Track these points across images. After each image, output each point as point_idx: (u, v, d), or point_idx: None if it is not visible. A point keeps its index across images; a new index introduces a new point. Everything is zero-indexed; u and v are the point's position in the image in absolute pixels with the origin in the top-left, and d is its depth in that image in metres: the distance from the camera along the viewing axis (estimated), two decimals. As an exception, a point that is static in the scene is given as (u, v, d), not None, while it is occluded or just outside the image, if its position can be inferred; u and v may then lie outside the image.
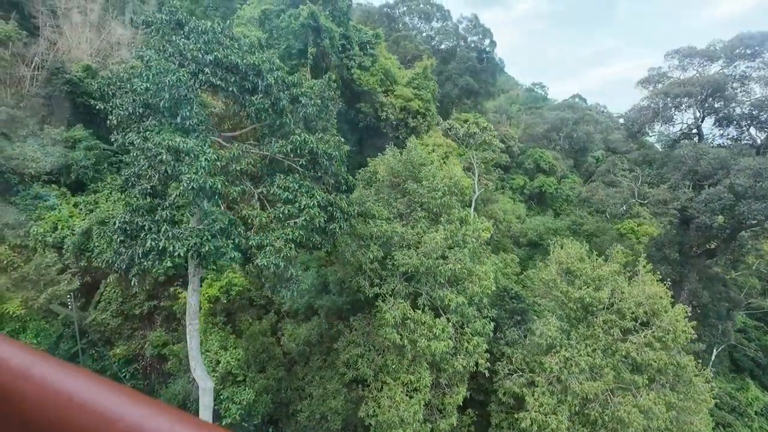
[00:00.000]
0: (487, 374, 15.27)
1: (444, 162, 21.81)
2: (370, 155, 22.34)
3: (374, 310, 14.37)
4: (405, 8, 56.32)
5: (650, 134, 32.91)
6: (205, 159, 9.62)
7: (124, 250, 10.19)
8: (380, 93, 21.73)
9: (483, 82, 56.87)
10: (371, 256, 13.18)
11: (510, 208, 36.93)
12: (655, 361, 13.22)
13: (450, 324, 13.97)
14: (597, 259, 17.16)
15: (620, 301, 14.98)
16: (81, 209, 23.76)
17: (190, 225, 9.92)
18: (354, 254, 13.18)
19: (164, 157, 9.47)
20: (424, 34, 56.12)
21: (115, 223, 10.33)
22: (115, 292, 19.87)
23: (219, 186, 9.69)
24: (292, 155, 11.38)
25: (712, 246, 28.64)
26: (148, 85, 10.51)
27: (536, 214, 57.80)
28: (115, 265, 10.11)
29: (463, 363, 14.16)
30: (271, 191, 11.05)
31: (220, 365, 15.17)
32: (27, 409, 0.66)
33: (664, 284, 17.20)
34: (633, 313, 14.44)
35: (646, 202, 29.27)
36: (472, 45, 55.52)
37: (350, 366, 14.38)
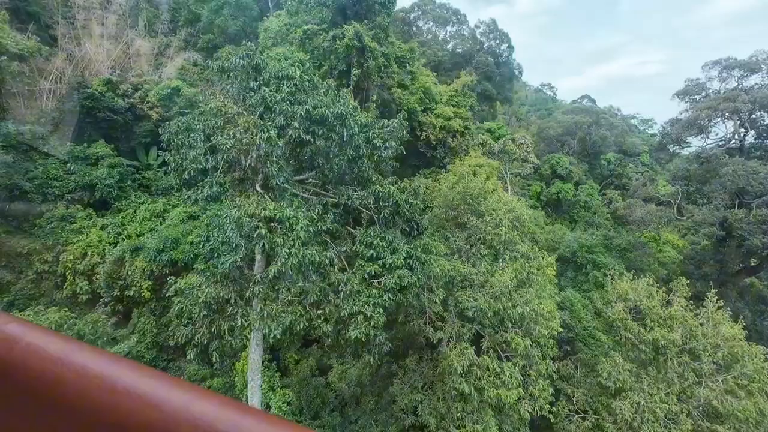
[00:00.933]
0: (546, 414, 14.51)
1: (487, 180, 21.05)
2: (406, 176, 21.54)
3: (436, 354, 13.64)
4: (420, 13, 55.35)
5: (684, 146, 31.97)
6: (302, 228, 8.78)
7: (206, 326, 9.35)
8: (419, 112, 20.92)
9: (500, 87, 55.92)
10: (436, 300, 12.41)
11: (530, 216, 36.01)
12: (741, 412, 12.45)
13: (517, 369, 13.21)
14: (659, 292, 16.32)
15: (692, 339, 14.17)
16: (109, 232, 23.01)
17: (281, 298, 9.10)
18: (417, 297, 12.41)
19: (262, 231, 8.60)
20: (440, 38, 55.17)
21: (198, 297, 9.46)
22: (148, 322, 19.15)
23: (317, 258, 8.85)
24: (373, 206, 10.57)
25: (754, 263, 27.76)
26: (233, 142, 9.61)
27: (553, 221, 56.88)
28: (195, 339, 9.30)
29: (528, 408, 13.42)
30: (353, 248, 10.25)
31: (272, 410, 14.44)
32: (69, 395, 0.67)
33: (723, 312, 16.40)
34: (709, 355, 13.66)
35: (685, 218, 28.37)
36: (489, 50, 54.52)
37: (408, 411, 13.65)
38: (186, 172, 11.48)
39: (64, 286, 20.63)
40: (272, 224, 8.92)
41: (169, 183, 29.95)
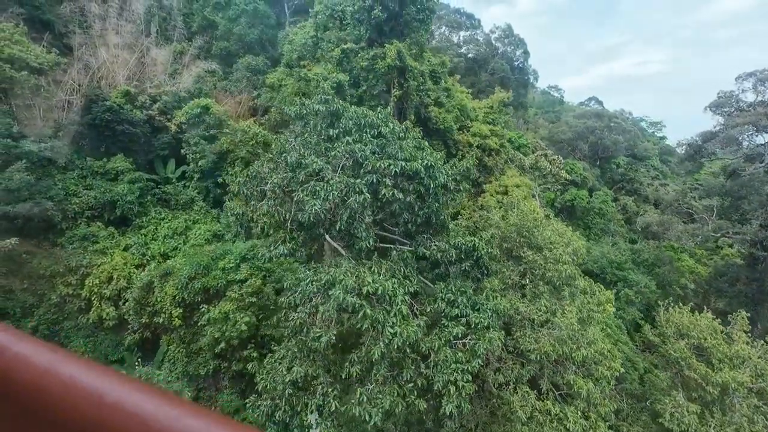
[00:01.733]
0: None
1: (525, 200, 20.38)
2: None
3: (487, 393, 12.97)
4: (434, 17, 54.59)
5: (711, 158, 31.19)
6: (401, 301, 8.03)
7: (289, 403, 8.56)
8: (455, 130, 20.26)
9: (516, 93, 55.15)
10: (498, 342, 11.72)
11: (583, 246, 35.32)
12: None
13: (579, 413, 12.55)
14: (719, 325, 15.61)
15: (759, 379, 13.49)
16: (133, 253, 22.35)
17: (376, 377, 8.30)
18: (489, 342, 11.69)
19: (367, 311, 7.82)
20: (453, 42, 54.42)
21: (284, 375, 8.70)
22: (179, 351, 18.50)
23: (419, 335, 8.11)
24: (454, 258, 9.84)
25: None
26: (321, 203, 8.75)
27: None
28: (276, 416, 8.56)
29: (589, 453, 12.77)
30: (435, 306, 9.50)
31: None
32: (54, 407, 0.66)
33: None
34: (781, 398, 13.02)
35: (718, 235, 27.63)
36: (504, 55, 53.78)
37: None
38: (258, 225, 10.67)
39: (90, 312, 20.00)
40: (371, 297, 8.16)
41: (189, 197, 29.34)
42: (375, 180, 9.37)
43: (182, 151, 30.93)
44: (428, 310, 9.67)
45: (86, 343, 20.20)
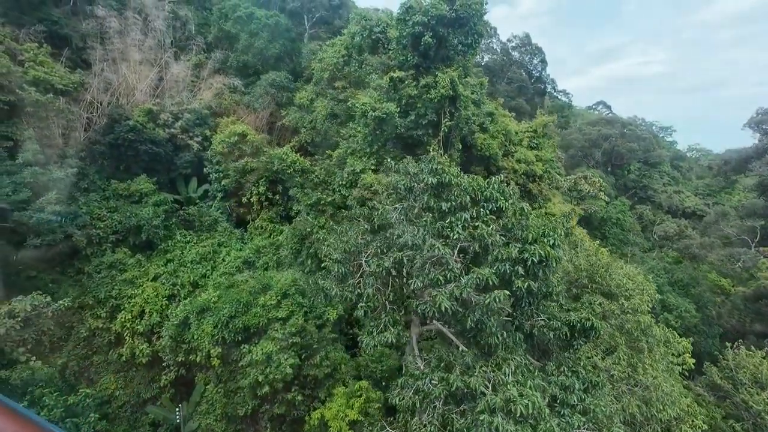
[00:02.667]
0: None
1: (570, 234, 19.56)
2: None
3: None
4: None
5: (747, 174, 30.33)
6: (549, 416, 7.16)
7: None
8: (500, 156, 19.50)
9: (532, 102, 54.44)
10: None
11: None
12: None
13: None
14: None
15: None
16: (163, 282, 21.57)
17: None
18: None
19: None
20: None
21: None
22: (217, 391, 17.70)
23: None
24: (567, 336, 8.90)
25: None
26: (447, 299, 7.78)
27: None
28: None
29: None
30: (550, 391, 8.58)
31: None
32: None
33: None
34: None
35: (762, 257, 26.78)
36: (522, 64, 53.03)
37: None
38: (359, 309, 9.71)
39: (123, 347, 19.22)
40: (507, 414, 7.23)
41: (213, 217, 28.56)
42: (507, 270, 8.45)
43: (205, 170, 30.23)
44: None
45: (117, 379, 19.43)
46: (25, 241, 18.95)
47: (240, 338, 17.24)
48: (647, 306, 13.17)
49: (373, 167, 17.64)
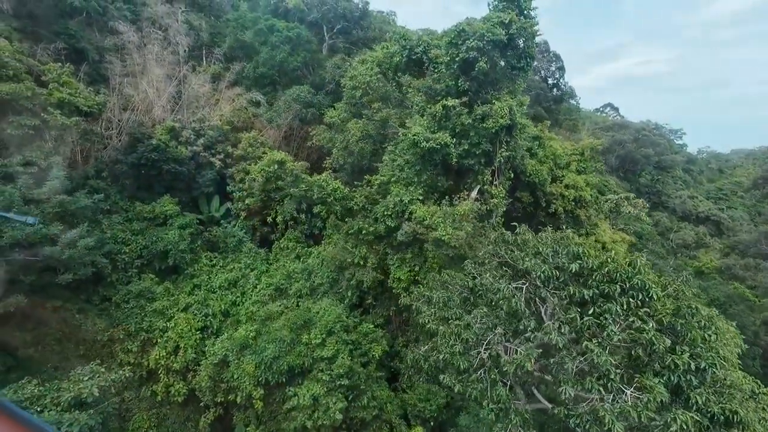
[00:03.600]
0: None
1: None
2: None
3: None
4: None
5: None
6: None
7: None
8: (548, 182, 18.69)
9: (551, 111, 53.60)
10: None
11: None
12: None
13: None
14: None
15: None
16: (195, 313, 20.75)
17: None
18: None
19: None
20: None
21: None
22: (259, 433, 16.87)
23: None
24: None
25: None
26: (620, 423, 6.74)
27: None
28: None
29: None
30: None
31: None
32: None
33: None
34: None
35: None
36: (538, 71, 52.20)
37: None
38: (485, 408, 8.63)
39: (157, 385, 18.40)
40: None
41: (238, 238, 27.71)
42: (681, 383, 7.44)
43: (228, 188, 29.43)
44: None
45: (150, 416, 18.60)
46: (55, 275, 18.15)
47: (284, 379, 16.42)
48: (735, 358, 12.26)
49: (420, 197, 16.82)
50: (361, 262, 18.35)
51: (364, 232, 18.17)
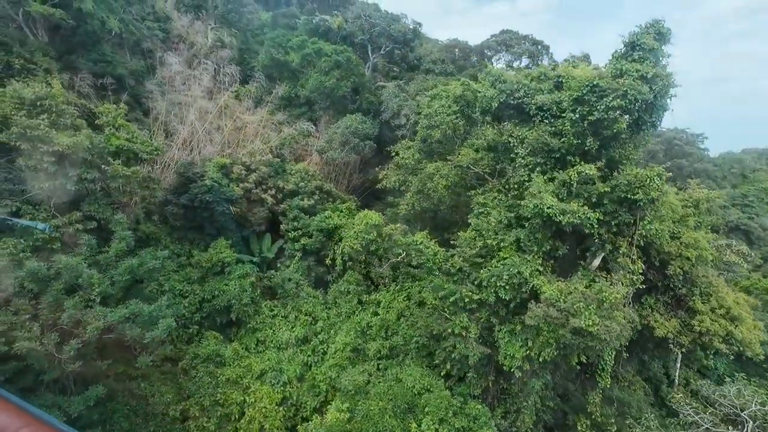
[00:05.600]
0: None
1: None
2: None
3: None
4: (503, 47, 51.02)
5: None
6: None
7: None
8: (667, 241, 16.92)
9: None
10: None
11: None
12: None
13: None
14: None
15: None
16: (272, 383, 19.00)
17: None
18: None
19: None
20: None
21: None
22: None
23: None
24: None
25: None
26: None
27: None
28: None
29: None
30: None
31: None
32: None
33: None
34: None
35: None
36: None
37: None
38: None
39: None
40: None
41: (295, 281, 25.89)
42: None
43: (282, 226, 27.64)
44: None
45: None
46: (135, 357, 16.43)
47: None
48: None
49: (540, 267, 15.04)
50: (462, 333, 16.58)
51: (467, 300, 16.39)
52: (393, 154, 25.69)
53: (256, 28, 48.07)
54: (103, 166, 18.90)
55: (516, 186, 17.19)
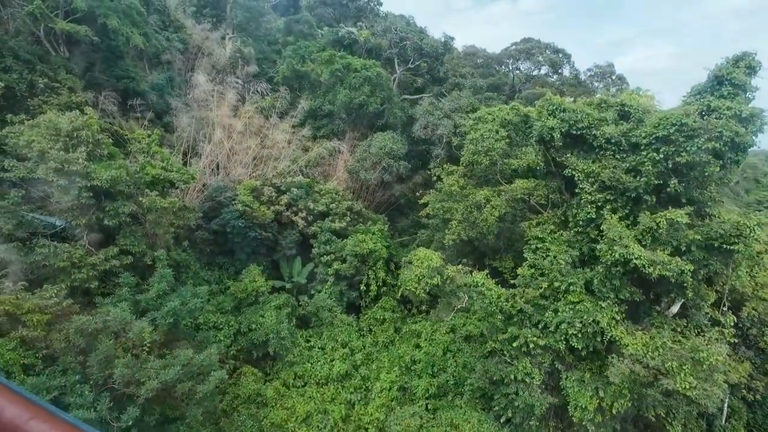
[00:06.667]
0: None
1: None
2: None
3: None
4: (524, 56, 50.08)
5: None
6: None
7: None
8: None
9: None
10: None
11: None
12: None
13: None
14: None
15: None
16: (319, 427, 18.05)
17: None
18: None
19: None
20: (555, 82, 49.85)
21: None
22: None
23: None
24: None
25: None
26: None
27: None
28: None
29: None
30: None
31: None
32: None
33: None
34: None
35: None
36: (600, 93, 49.17)
37: None
38: None
39: None
40: None
41: (328, 307, 24.88)
42: None
43: (314, 250, 26.64)
44: None
45: None
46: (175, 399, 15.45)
47: None
48: None
49: (615, 316, 14.09)
50: (526, 380, 15.63)
51: (531, 346, 15.44)
52: (434, 178, 24.69)
53: (269, 35, 47.03)
54: (140, 198, 17.94)
55: (581, 223, 16.22)
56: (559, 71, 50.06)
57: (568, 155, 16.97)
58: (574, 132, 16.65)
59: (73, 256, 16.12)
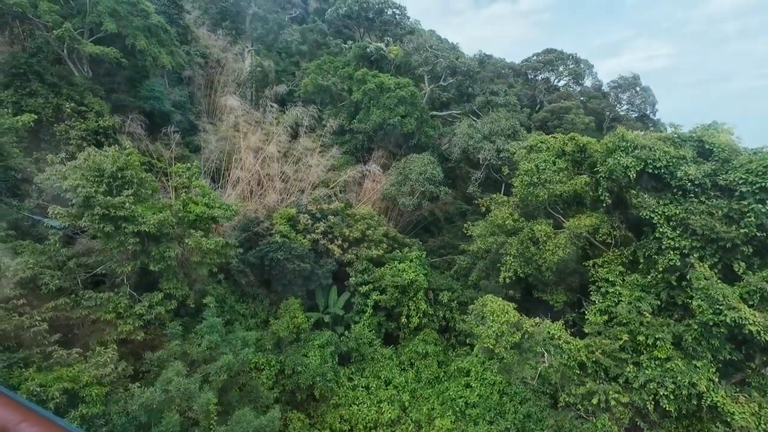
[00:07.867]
0: None
1: None
2: None
3: None
4: (547, 67, 49.16)
5: None
6: None
7: None
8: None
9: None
10: None
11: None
12: None
13: None
14: None
15: None
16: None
17: None
18: None
19: None
20: (578, 95, 48.90)
21: None
22: None
23: None
24: None
25: None
26: None
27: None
28: None
29: None
30: None
31: None
32: None
33: None
34: None
35: None
36: (629, 104, 48.51)
37: None
38: None
39: None
40: None
41: (367, 340, 23.79)
42: None
43: (351, 279, 25.54)
44: None
45: None
46: None
47: None
48: None
49: (713, 378, 13.11)
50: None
51: (613, 403, 14.44)
52: (482, 208, 23.68)
53: (288, 47, 45.93)
54: (185, 240, 16.84)
55: (661, 270, 15.23)
56: (581, 82, 49.14)
57: (644, 195, 15.96)
58: (650, 170, 15.67)
59: (118, 307, 15.03)
